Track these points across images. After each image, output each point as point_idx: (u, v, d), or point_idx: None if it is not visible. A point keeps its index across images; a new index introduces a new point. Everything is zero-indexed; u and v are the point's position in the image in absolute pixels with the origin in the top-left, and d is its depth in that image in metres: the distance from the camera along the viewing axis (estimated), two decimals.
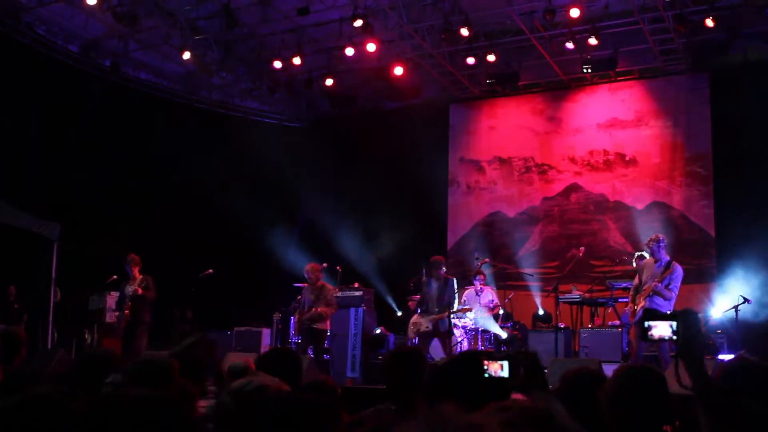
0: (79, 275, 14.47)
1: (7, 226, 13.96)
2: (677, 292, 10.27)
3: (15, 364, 6.31)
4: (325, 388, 4.23)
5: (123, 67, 17.64)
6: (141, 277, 12.46)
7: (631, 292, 10.81)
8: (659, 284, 10.26)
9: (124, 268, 12.64)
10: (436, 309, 11.85)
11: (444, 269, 12.08)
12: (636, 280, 10.77)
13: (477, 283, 13.35)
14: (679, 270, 10.44)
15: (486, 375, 3.15)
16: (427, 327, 11.89)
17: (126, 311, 12.33)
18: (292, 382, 3.99)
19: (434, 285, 11.94)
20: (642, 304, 10.24)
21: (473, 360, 3.44)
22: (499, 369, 3.15)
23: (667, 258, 10.62)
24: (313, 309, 12.08)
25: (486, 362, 3.18)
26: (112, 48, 17.30)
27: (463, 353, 6.33)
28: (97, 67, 17.29)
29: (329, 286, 12.55)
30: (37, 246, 14.45)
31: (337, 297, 12.62)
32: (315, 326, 12.11)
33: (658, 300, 10.20)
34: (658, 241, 10.65)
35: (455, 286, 12.09)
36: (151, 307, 12.58)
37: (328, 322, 12.48)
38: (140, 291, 12.27)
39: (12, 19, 15.68)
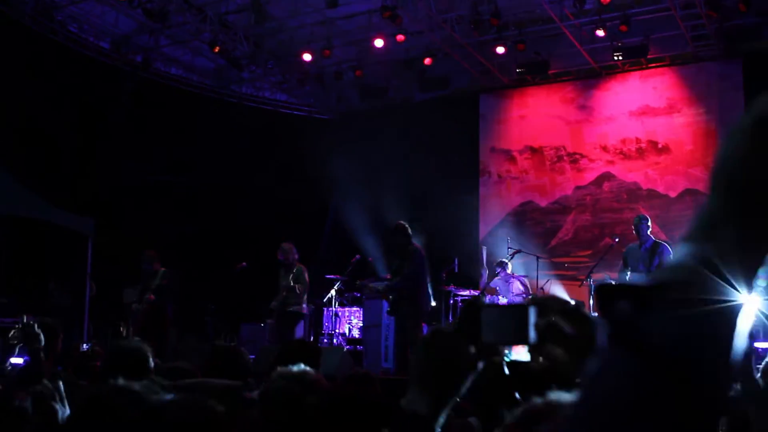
0: (114, 269, 14.63)
1: (42, 222, 14.15)
2: None
3: (50, 356, 6.30)
4: (366, 380, 4.26)
5: (154, 62, 17.78)
6: (163, 270, 12.15)
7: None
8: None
9: (142, 267, 12.31)
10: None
11: (410, 242, 10.44)
12: (623, 267, 10.61)
13: (501, 272, 13.30)
14: (668, 251, 10.24)
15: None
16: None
17: (147, 304, 12.01)
18: None
19: (395, 261, 10.55)
20: None
21: None
22: None
23: (652, 239, 10.42)
24: (284, 292, 11.64)
25: None
26: (142, 44, 17.44)
27: None
28: (128, 63, 17.44)
29: (302, 265, 11.88)
30: (71, 241, 14.63)
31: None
32: (288, 309, 11.62)
33: None
34: (647, 219, 10.42)
35: (423, 260, 10.52)
36: (172, 301, 12.28)
37: (305, 306, 11.88)
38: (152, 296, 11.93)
39: (45, 18, 15.89)
